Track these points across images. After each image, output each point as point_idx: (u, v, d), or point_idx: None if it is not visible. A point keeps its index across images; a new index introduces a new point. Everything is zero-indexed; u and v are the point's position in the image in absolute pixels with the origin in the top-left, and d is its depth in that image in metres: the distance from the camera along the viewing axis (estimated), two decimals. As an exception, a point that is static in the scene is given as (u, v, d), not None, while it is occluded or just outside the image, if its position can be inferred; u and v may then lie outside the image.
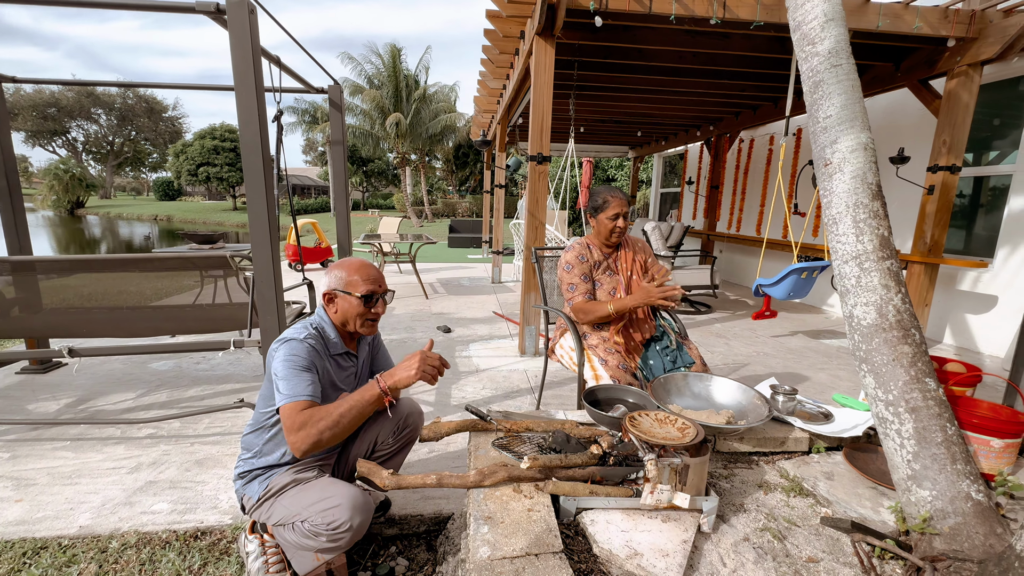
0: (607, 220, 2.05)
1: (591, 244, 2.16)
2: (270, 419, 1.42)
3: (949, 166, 3.71)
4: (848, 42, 1.47)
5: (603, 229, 2.07)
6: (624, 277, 2.13)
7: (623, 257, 2.16)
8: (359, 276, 1.43)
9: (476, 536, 1.05)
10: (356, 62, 20.68)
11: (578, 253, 2.12)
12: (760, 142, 6.76)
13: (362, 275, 1.44)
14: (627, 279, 2.13)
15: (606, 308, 1.99)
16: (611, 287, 2.13)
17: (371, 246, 6.28)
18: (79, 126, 39.92)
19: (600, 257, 2.14)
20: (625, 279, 2.13)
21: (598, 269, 2.14)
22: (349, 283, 1.43)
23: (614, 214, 2.04)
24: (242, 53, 1.82)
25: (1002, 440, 1.41)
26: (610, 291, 2.13)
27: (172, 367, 3.26)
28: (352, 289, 1.42)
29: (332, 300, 1.45)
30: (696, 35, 3.73)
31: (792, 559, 1.14)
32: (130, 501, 1.81)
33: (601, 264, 2.14)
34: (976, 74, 3.59)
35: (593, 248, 2.15)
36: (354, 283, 1.43)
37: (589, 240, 2.18)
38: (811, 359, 3.72)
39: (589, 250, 2.14)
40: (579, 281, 2.07)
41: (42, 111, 36.24)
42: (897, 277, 1.31)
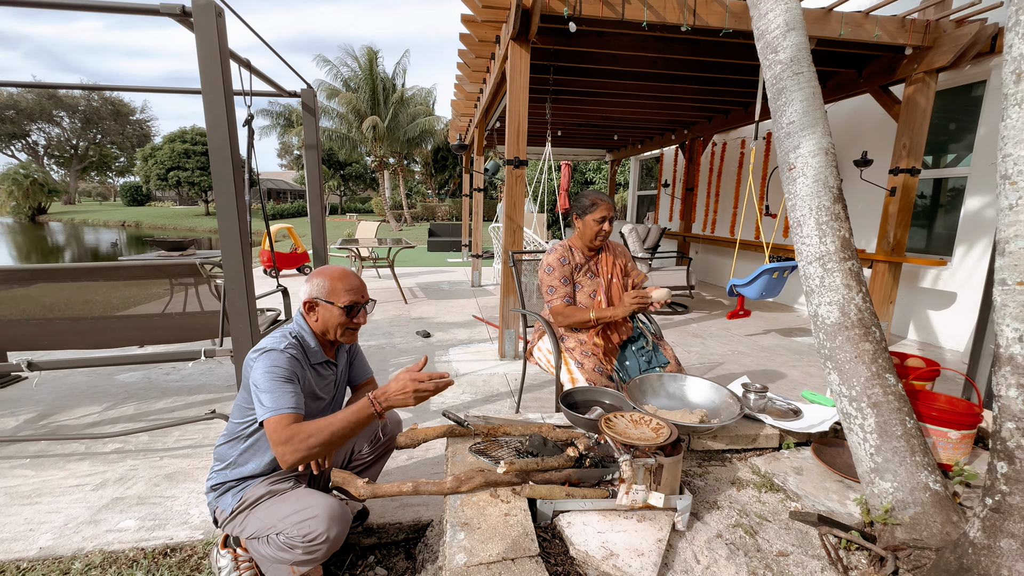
0: (593, 222, 2.07)
1: (573, 247, 2.17)
2: (246, 429, 1.39)
3: (909, 168, 3.87)
4: (808, 51, 1.53)
5: (588, 231, 2.09)
6: (604, 280, 2.15)
7: (604, 260, 2.17)
8: (341, 285, 1.41)
9: (452, 543, 1.05)
10: (332, 65, 20.42)
11: (560, 255, 2.13)
12: (732, 146, 6.93)
13: (344, 284, 1.41)
14: (607, 282, 2.15)
15: (587, 315, 2.01)
16: (591, 290, 2.15)
17: (348, 251, 6.20)
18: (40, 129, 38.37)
19: (582, 260, 2.16)
20: (605, 282, 2.15)
21: (579, 272, 2.16)
22: (331, 292, 1.40)
23: (601, 216, 2.06)
24: (209, 56, 1.78)
25: (959, 431, 1.47)
26: (590, 294, 2.14)
27: (140, 379, 3.16)
28: (334, 299, 1.40)
29: (313, 309, 1.42)
30: (668, 41, 3.81)
31: (763, 554, 1.17)
32: (95, 519, 1.74)
33: (582, 267, 2.16)
34: (932, 81, 3.75)
35: (575, 251, 2.16)
36: (336, 292, 1.40)
37: (571, 243, 2.19)
38: (784, 357, 3.81)
39: (571, 252, 2.16)
40: (559, 284, 2.09)
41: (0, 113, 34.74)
42: (858, 277, 1.36)
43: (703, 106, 5.81)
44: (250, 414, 1.37)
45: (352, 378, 1.65)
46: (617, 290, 2.17)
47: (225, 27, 1.86)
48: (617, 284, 2.17)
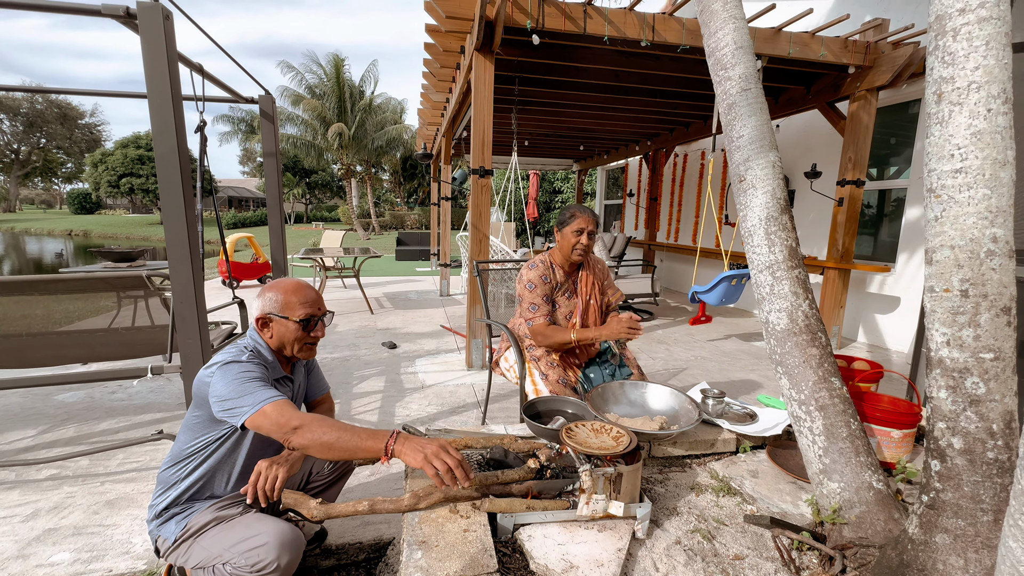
0: (571, 234, 2.01)
1: (554, 263, 2.11)
2: (198, 451, 1.31)
3: (855, 180, 4.09)
4: (756, 68, 1.59)
5: (566, 244, 2.03)
6: (583, 300, 2.10)
7: (583, 279, 2.12)
8: (296, 299, 1.35)
9: (409, 563, 1.02)
10: (296, 71, 20.04)
11: (541, 273, 2.07)
12: (693, 157, 7.16)
13: (299, 297, 1.35)
14: (585, 302, 2.10)
15: (568, 336, 1.95)
16: (568, 310, 2.10)
17: (312, 261, 6.04)
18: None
19: (562, 278, 2.10)
20: (583, 303, 2.10)
21: (558, 291, 2.10)
22: (285, 306, 1.34)
23: (578, 228, 2.00)
24: (155, 60, 1.71)
25: (901, 431, 1.54)
26: (566, 315, 2.09)
27: (82, 398, 2.96)
28: (288, 313, 1.34)
29: (267, 325, 1.35)
30: (629, 56, 3.92)
31: (720, 558, 1.18)
32: (23, 554, 1.61)
33: (562, 285, 2.10)
34: (873, 98, 3.99)
35: (556, 268, 2.10)
36: (290, 306, 1.34)
37: (552, 257, 2.12)
38: (744, 361, 3.94)
39: (552, 271, 2.09)
40: (541, 302, 2.03)
41: (-70, 115, 32.42)
42: (804, 284, 1.41)
43: (665, 118, 5.99)
44: (204, 433, 1.30)
45: (309, 393, 1.59)
46: (593, 312, 2.12)
47: (173, 30, 1.79)
48: (594, 306, 2.12)
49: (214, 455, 1.30)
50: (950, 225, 0.95)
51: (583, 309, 2.10)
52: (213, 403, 1.21)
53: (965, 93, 0.92)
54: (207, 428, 1.29)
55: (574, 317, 2.10)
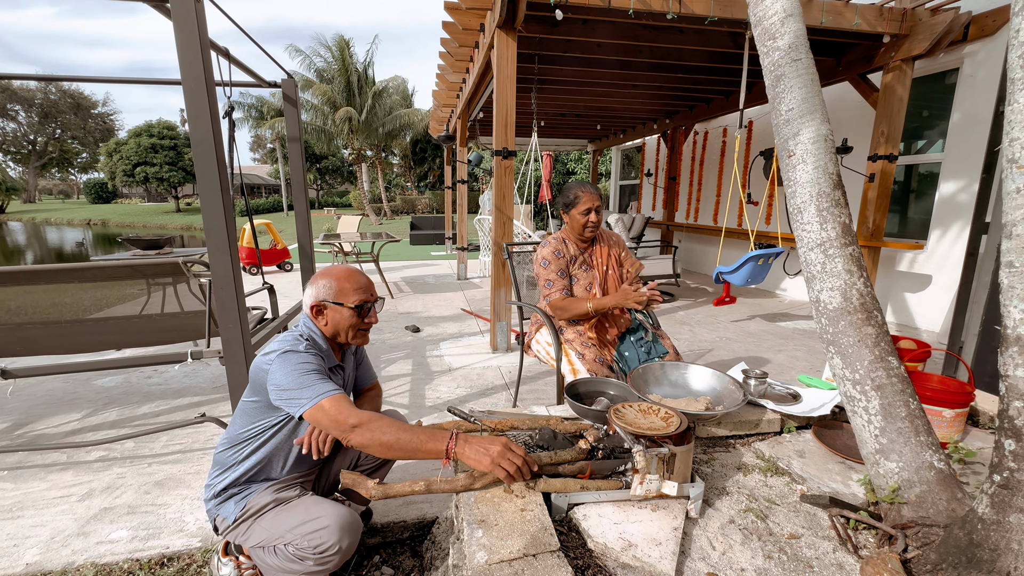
0: (579, 215, 2.04)
1: (567, 239, 2.15)
2: (256, 435, 1.33)
3: (887, 155, 3.96)
4: (806, 37, 1.53)
5: (576, 224, 2.07)
6: (600, 272, 2.14)
7: (598, 252, 2.15)
8: (349, 285, 1.36)
9: (471, 541, 1.03)
10: (304, 55, 19.88)
11: (554, 248, 2.11)
12: (714, 134, 7.00)
13: (352, 283, 1.36)
14: (603, 273, 2.14)
15: (584, 306, 2.00)
16: (587, 282, 2.13)
17: (331, 246, 6.07)
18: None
19: (576, 252, 2.13)
20: (601, 274, 2.14)
21: (574, 264, 2.14)
22: (339, 292, 1.35)
23: (586, 209, 2.03)
24: (189, 45, 1.69)
25: (952, 410, 1.52)
26: (586, 286, 2.13)
27: (120, 383, 3.04)
28: (343, 299, 1.34)
29: (321, 312, 1.36)
30: (653, 30, 3.80)
31: (775, 537, 1.18)
32: (84, 531, 1.67)
33: (577, 259, 2.14)
34: (909, 68, 3.84)
35: (569, 243, 2.14)
36: (344, 292, 1.35)
37: (564, 235, 2.16)
38: (770, 342, 3.89)
39: (565, 245, 2.13)
40: (556, 277, 2.07)
41: (-53, 108, 32.89)
42: (859, 262, 1.37)
43: (686, 95, 5.84)
44: (261, 419, 1.32)
45: (358, 382, 1.61)
46: (613, 281, 2.15)
47: (204, 13, 1.77)
48: (613, 275, 2.16)
49: (271, 441, 1.33)
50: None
51: (602, 280, 2.13)
52: (272, 391, 1.22)
53: (1056, 56, 0.87)
54: (264, 414, 1.31)
55: (593, 288, 2.13)
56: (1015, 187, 0.94)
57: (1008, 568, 0.92)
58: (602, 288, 2.13)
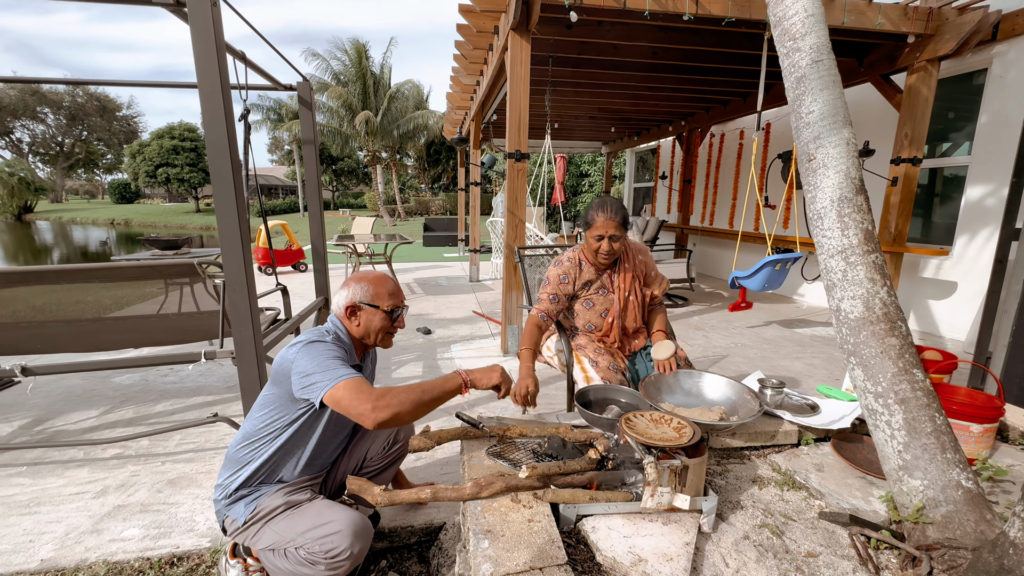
0: (592, 240, 1.91)
1: (584, 259, 2.01)
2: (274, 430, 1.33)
3: (911, 158, 3.85)
4: (828, 39, 1.49)
5: (590, 247, 1.94)
6: (620, 298, 1.98)
7: (620, 276, 1.99)
8: (384, 289, 1.41)
9: (477, 552, 1.01)
10: (321, 59, 20.15)
11: (562, 272, 1.99)
12: (730, 136, 6.90)
13: (387, 288, 1.42)
14: (622, 299, 1.98)
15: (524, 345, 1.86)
16: (603, 308, 2.00)
17: (345, 247, 6.12)
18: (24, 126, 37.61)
19: (592, 276, 2.00)
20: (621, 300, 1.98)
21: (589, 288, 2.01)
22: (375, 296, 1.39)
23: (597, 235, 1.88)
24: (205, 49, 1.71)
25: (981, 425, 1.45)
26: (601, 312, 2.01)
27: (137, 381, 3.09)
28: (379, 302, 1.39)
29: (355, 313, 1.40)
30: (669, 31, 3.75)
31: (792, 555, 1.14)
32: (97, 528, 1.69)
33: (593, 283, 2.00)
34: (934, 69, 3.73)
35: (585, 265, 2.00)
36: (380, 296, 1.40)
37: (582, 254, 2.02)
38: (787, 348, 3.81)
39: (579, 269, 1.99)
40: (545, 297, 1.98)
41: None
42: (882, 270, 1.33)
43: (702, 97, 5.76)
44: (280, 412, 1.32)
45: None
46: (633, 309, 2.00)
47: (220, 18, 1.79)
48: (634, 302, 1.99)
49: (286, 433, 1.32)
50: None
51: (621, 308, 1.99)
52: (295, 379, 1.23)
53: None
54: (283, 407, 1.31)
55: (610, 316, 2.00)
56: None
57: (1042, 597, 0.87)
58: (621, 316, 1.99)
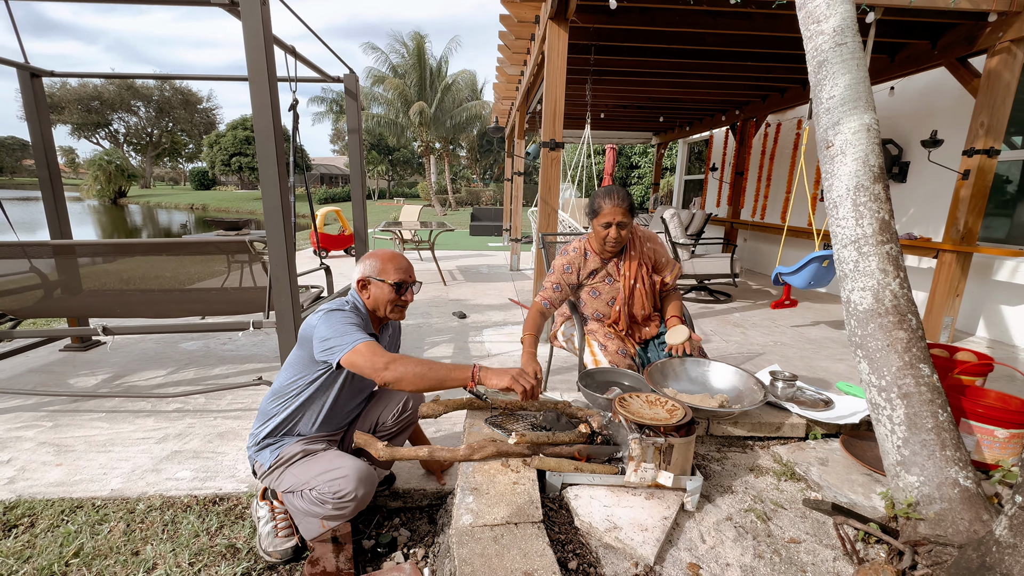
0: (600, 227, 1.90)
1: (589, 249, 2.02)
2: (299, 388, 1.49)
3: (987, 149, 3.52)
4: (855, 20, 1.43)
5: (597, 236, 1.94)
6: (626, 286, 1.98)
7: (627, 264, 1.99)
8: (391, 265, 1.54)
9: (461, 505, 1.11)
10: (380, 51, 20.81)
11: (567, 262, 2.01)
12: (787, 126, 6.53)
13: (394, 264, 1.54)
14: (628, 288, 1.98)
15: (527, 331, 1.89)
16: (610, 296, 2.02)
17: (391, 233, 6.39)
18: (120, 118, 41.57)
19: (597, 264, 2.01)
20: (627, 288, 1.98)
21: (594, 277, 2.03)
22: (382, 271, 1.52)
23: (605, 222, 1.87)
24: (255, 43, 1.89)
25: (1007, 430, 1.37)
26: (608, 300, 2.02)
27: (200, 347, 3.44)
28: (384, 276, 1.52)
29: (365, 287, 1.54)
30: (717, 16, 3.63)
31: (774, 539, 1.15)
32: (157, 468, 1.95)
33: (598, 272, 2.01)
34: (1020, 51, 3.37)
35: (591, 255, 2.01)
36: (386, 271, 1.53)
37: (589, 243, 2.02)
38: (831, 349, 3.62)
39: (584, 258, 2.01)
40: (549, 286, 2.02)
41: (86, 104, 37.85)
42: (896, 262, 1.28)
43: (756, 84, 5.50)
44: (303, 372, 1.48)
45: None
46: (640, 297, 1.99)
47: (269, 15, 1.96)
48: (641, 290, 1.99)
49: (307, 391, 1.48)
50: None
51: (627, 295, 1.99)
52: (316, 344, 1.39)
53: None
54: (306, 368, 1.47)
55: (617, 303, 2.01)
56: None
57: (1019, 595, 0.84)
58: (628, 304, 1.99)
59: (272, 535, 1.50)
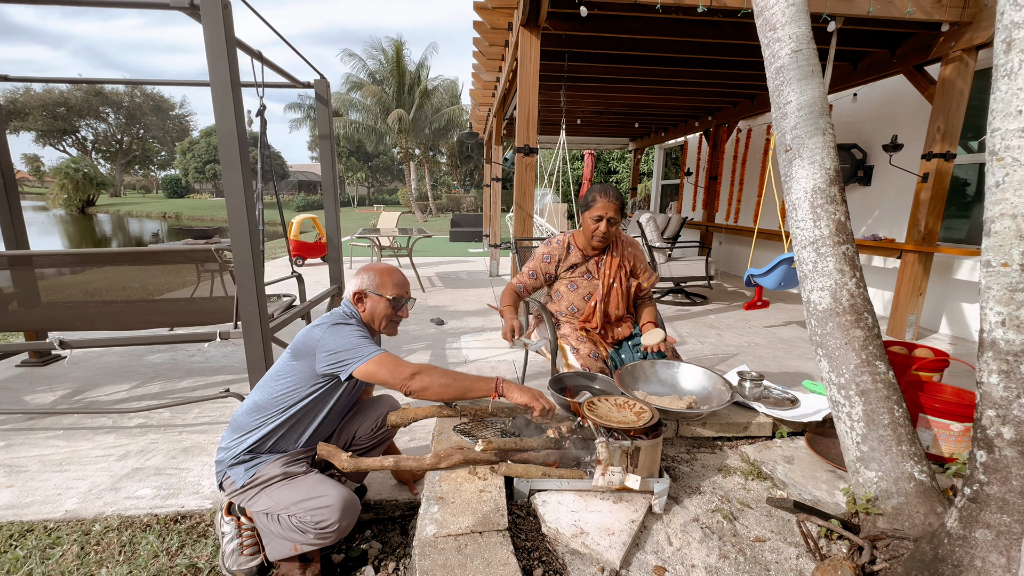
0: (590, 220, 1.94)
1: (574, 243, 2.05)
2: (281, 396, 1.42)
3: (943, 153, 3.66)
4: (810, 28, 1.47)
5: (586, 229, 1.97)
6: (604, 284, 2.02)
7: (607, 262, 2.02)
8: (390, 280, 1.53)
9: (425, 515, 1.09)
10: (358, 58, 20.69)
11: (548, 252, 2.04)
12: (758, 131, 6.70)
13: (392, 279, 1.53)
14: (606, 286, 2.02)
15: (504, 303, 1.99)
16: (587, 291, 2.04)
17: (368, 240, 6.32)
18: (88, 125, 40.35)
19: (579, 259, 2.04)
20: (604, 286, 2.02)
21: (574, 271, 2.06)
22: (380, 285, 1.51)
23: (597, 215, 1.92)
24: (216, 48, 1.85)
25: (962, 424, 1.41)
26: (585, 296, 2.05)
27: (167, 360, 3.33)
28: (382, 291, 1.50)
29: (361, 300, 1.52)
30: (686, 24, 3.70)
31: (739, 538, 1.16)
32: (116, 487, 1.87)
33: (579, 266, 2.05)
34: (971, 59, 3.53)
35: (574, 248, 2.05)
36: (384, 286, 1.51)
37: (574, 238, 2.06)
38: (802, 348, 3.70)
39: (567, 250, 2.04)
40: (525, 272, 2.05)
41: (52, 110, 36.62)
42: (852, 262, 1.31)
43: (727, 91, 5.63)
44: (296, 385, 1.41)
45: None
46: (616, 296, 2.03)
47: (232, 19, 1.92)
48: (618, 290, 2.03)
49: (298, 405, 1.42)
50: (1013, 191, 0.85)
51: (604, 292, 2.02)
52: (323, 356, 1.35)
53: (1039, 40, 0.81)
54: (301, 380, 1.41)
55: (593, 299, 2.03)
56: (994, 181, 0.88)
57: (968, 586, 0.86)
58: (604, 301, 2.02)
59: (237, 553, 1.44)
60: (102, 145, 42.41)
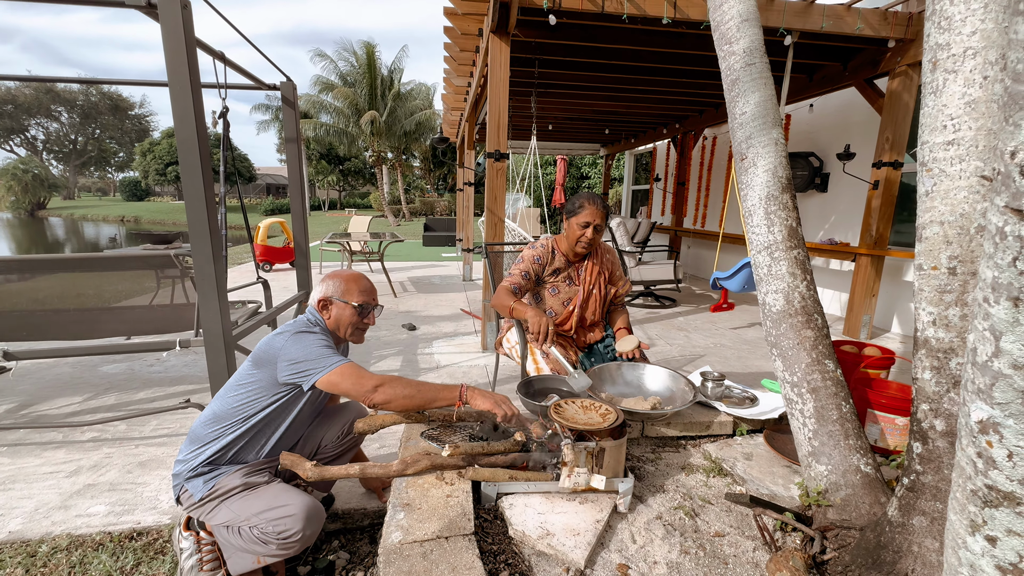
0: (577, 226, 1.96)
1: (557, 248, 2.08)
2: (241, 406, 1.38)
3: (892, 162, 3.87)
4: (762, 42, 1.54)
5: (571, 235, 2.00)
6: (584, 290, 2.06)
7: (588, 269, 2.07)
8: (355, 287, 1.49)
9: (391, 522, 1.08)
10: (329, 59, 20.37)
11: (537, 254, 2.06)
12: (723, 139, 6.93)
13: (358, 286, 1.50)
14: (586, 292, 2.06)
15: (509, 302, 1.95)
16: (567, 297, 2.07)
17: (339, 245, 6.22)
18: (39, 124, 38.31)
19: (562, 264, 2.07)
20: (584, 292, 2.06)
21: (557, 276, 2.08)
22: (346, 292, 1.48)
23: (584, 222, 1.94)
24: (175, 48, 1.80)
25: (905, 418, 1.50)
26: (564, 301, 2.08)
27: (124, 370, 3.19)
28: (348, 298, 1.47)
29: (327, 307, 1.48)
30: (652, 35, 3.81)
31: (700, 534, 1.19)
32: (65, 505, 1.78)
33: (561, 272, 2.08)
34: (915, 74, 3.75)
35: (558, 253, 2.08)
36: (350, 292, 1.48)
37: (557, 243, 2.10)
38: (764, 349, 3.84)
39: (552, 255, 2.07)
40: (518, 274, 2.05)
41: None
42: (803, 265, 1.38)
43: (693, 99, 5.80)
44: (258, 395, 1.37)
45: None
46: (594, 303, 2.08)
47: (192, 19, 1.87)
48: (596, 296, 2.08)
49: (259, 415, 1.38)
50: (940, 200, 0.91)
51: (583, 298, 2.06)
52: (283, 365, 1.31)
53: (960, 60, 0.88)
54: (262, 390, 1.37)
55: (572, 304, 2.07)
56: (924, 190, 0.94)
57: (907, 570, 0.92)
58: (581, 308, 2.06)
59: (196, 569, 1.39)
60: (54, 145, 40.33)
